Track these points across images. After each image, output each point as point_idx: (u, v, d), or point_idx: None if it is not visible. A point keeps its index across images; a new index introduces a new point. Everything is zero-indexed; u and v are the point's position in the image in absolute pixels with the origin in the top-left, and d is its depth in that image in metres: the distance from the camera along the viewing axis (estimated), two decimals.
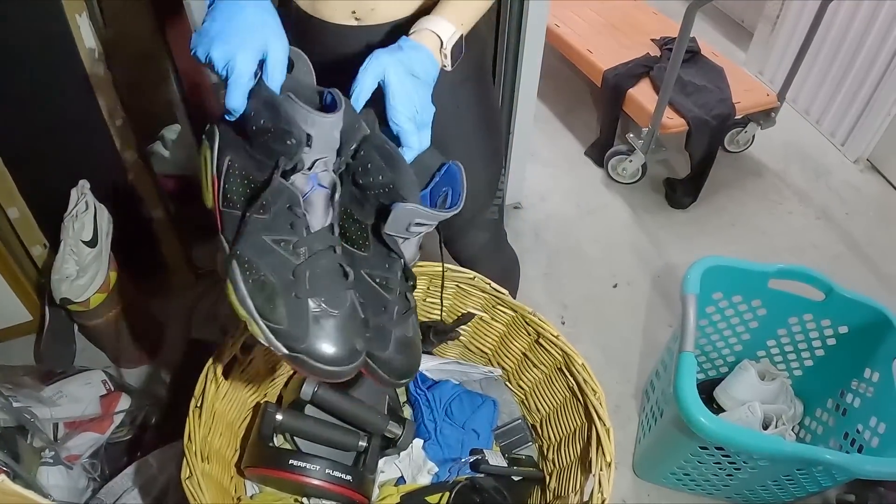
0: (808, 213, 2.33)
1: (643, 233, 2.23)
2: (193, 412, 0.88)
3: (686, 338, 1.24)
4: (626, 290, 2.04)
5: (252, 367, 1.05)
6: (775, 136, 2.55)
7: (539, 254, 2.14)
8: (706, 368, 1.70)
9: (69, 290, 1.53)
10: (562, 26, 2.66)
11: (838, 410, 1.47)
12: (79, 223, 1.58)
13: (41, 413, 1.42)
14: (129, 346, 1.77)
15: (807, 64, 2.52)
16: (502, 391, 1.20)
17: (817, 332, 1.50)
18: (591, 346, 1.86)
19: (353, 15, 0.93)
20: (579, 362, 0.99)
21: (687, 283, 1.34)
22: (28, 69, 1.53)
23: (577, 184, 2.43)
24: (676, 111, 2.18)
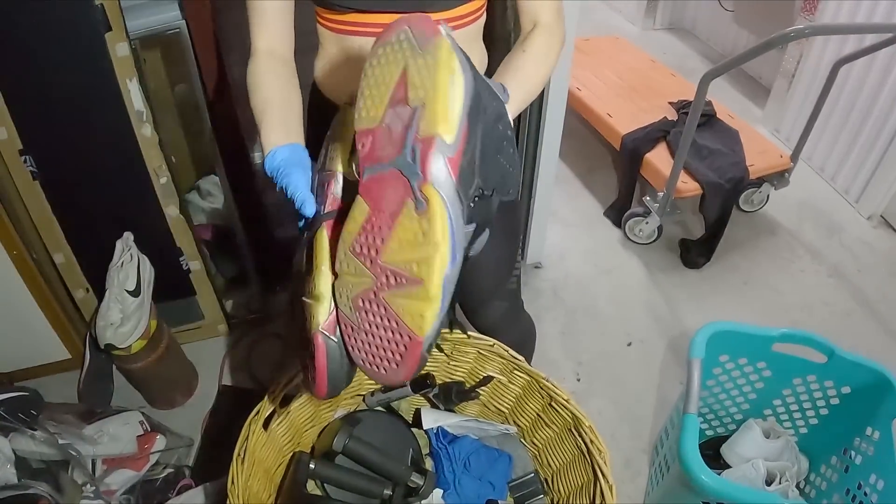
0: (821, 270, 2.38)
1: (658, 292, 2.30)
2: (237, 459, 0.97)
3: (690, 400, 1.31)
4: (640, 348, 2.10)
5: (289, 419, 1.14)
6: (790, 194, 2.62)
7: (557, 312, 2.21)
8: (715, 426, 1.76)
9: (113, 337, 1.64)
10: (583, 90, 2.78)
11: (841, 467, 1.52)
12: (123, 273, 1.69)
13: (83, 450, 1.52)
14: (164, 389, 1.87)
15: (822, 121, 2.58)
16: (517, 447, 1.28)
17: (821, 393, 1.55)
18: (604, 402, 1.92)
19: None
20: (587, 424, 1.07)
21: (693, 347, 1.41)
22: (81, 128, 1.64)
23: (595, 244, 2.51)
24: (691, 175, 2.27)
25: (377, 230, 0.71)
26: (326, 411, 1.25)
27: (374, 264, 0.72)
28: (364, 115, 0.72)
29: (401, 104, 0.69)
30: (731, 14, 3.50)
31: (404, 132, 0.68)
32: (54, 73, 1.56)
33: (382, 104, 0.70)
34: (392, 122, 0.70)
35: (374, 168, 0.71)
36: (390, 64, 0.69)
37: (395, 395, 1.27)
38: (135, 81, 1.61)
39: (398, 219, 0.69)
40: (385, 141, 0.70)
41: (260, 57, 1.01)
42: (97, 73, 1.57)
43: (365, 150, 0.72)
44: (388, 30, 0.70)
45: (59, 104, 1.60)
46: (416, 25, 0.67)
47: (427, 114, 0.66)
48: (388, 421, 1.27)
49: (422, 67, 0.66)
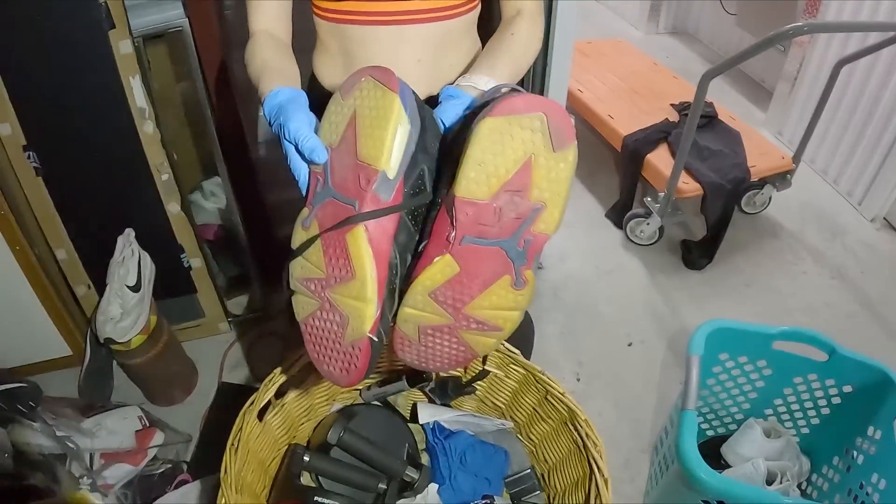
0: (824, 272, 2.37)
1: (659, 293, 2.29)
2: (230, 449, 0.98)
3: (688, 397, 1.31)
4: (641, 349, 2.09)
5: (284, 411, 1.15)
6: (793, 197, 2.61)
7: (557, 313, 2.21)
8: (715, 426, 1.75)
9: (113, 331, 1.64)
10: (584, 92, 2.78)
11: (843, 467, 1.51)
12: (124, 269, 1.69)
13: (81, 443, 1.52)
14: (164, 385, 1.88)
15: (825, 123, 2.59)
16: (513, 442, 1.27)
17: (822, 392, 1.54)
18: (604, 403, 1.92)
19: None
20: (582, 418, 1.07)
21: (692, 344, 1.41)
22: (84, 125, 1.65)
23: (596, 245, 2.51)
24: (692, 176, 2.27)
25: (466, 289, 0.76)
26: (322, 405, 1.25)
27: (458, 312, 0.78)
28: (472, 188, 0.71)
29: (519, 194, 0.71)
30: (734, 17, 3.50)
31: (517, 222, 0.72)
32: (58, 69, 1.57)
33: (497, 184, 0.71)
34: (505, 207, 0.72)
35: (475, 240, 0.74)
36: (514, 146, 0.69)
37: (392, 390, 1.27)
38: (137, 78, 1.62)
39: (491, 287, 0.76)
40: (491, 219, 0.72)
41: (258, 35, 1.03)
42: (100, 69, 1.58)
43: (466, 219, 0.73)
44: (522, 107, 0.68)
45: (62, 100, 1.62)
46: (556, 120, 0.67)
47: (548, 217, 0.71)
48: (385, 415, 1.27)
49: (552, 169, 0.69)
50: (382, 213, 0.76)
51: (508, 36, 0.99)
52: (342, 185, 0.78)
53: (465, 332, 0.79)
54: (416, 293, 0.79)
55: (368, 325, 0.76)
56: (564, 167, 0.69)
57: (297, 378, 1.15)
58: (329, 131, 0.80)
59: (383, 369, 1.29)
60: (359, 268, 0.75)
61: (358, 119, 0.76)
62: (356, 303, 0.77)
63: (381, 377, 1.30)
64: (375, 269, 0.76)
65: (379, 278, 0.76)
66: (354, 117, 0.76)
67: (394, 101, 0.72)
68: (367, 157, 0.74)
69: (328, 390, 1.24)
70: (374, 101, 0.74)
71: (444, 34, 1.04)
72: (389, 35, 1.02)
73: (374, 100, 0.74)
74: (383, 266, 0.77)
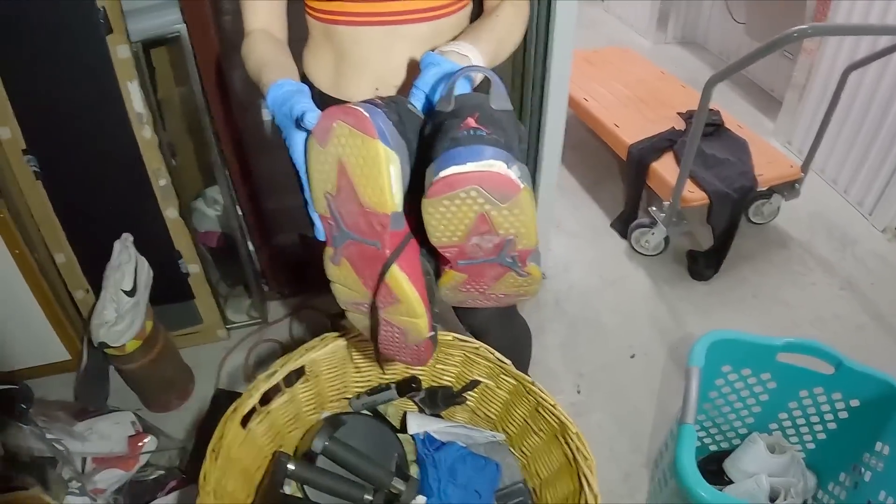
0: (833, 283, 2.33)
1: (663, 304, 2.26)
2: (210, 455, 0.96)
3: (688, 410, 1.27)
4: (643, 361, 2.06)
5: (270, 418, 1.12)
6: (802, 207, 2.58)
7: (558, 323, 2.18)
8: (718, 440, 1.71)
9: (107, 335, 1.64)
10: (590, 100, 2.76)
11: (850, 484, 1.47)
12: (120, 273, 1.69)
13: (72, 447, 1.52)
14: (160, 391, 1.87)
15: (833, 133, 2.56)
16: (505, 455, 1.24)
17: (828, 406, 1.50)
18: (604, 415, 1.88)
19: (377, 91, 1.04)
20: (573, 431, 1.04)
21: (692, 355, 1.37)
22: (83, 129, 1.66)
23: (600, 255, 2.48)
24: (698, 185, 2.24)
25: (480, 285, 0.84)
26: (310, 413, 1.23)
27: (484, 294, 0.86)
28: (444, 240, 0.77)
29: (488, 234, 0.75)
30: (743, 26, 3.48)
31: (497, 249, 0.77)
32: (57, 74, 1.58)
33: (464, 233, 0.75)
34: (481, 243, 0.76)
35: (469, 262, 0.80)
36: (463, 212, 0.72)
37: (381, 399, 1.24)
38: (135, 83, 1.62)
39: (500, 279, 0.82)
40: (474, 251, 0.78)
41: (255, 34, 1.04)
42: (98, 74, 1.59)
43: (453, 255, 0.79)
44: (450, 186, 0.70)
45: (61, 105, 1.62)
46: (491, 185, 0.69)
47: (523, 240, 0.75)
48: (373, 425, 1.24)
49: (508, 216, 0.72)
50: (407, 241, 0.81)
51: (493, 17, 0.99)
52: (357, 228, 0.81)
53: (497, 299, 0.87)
54: (444, 289, 0.87)
55: (426, 332, 0.85)
56: (520, 211, 0.71)
57: (282, 385, 1.13)
58: (321, 180, 0.80)
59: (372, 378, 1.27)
60: (402, 294, 0.81)
61: (348, 168, 0.76)
62: (409, 319, 0.84)
63: (369, 386, 1.28)
64: (416, 290, 0.82)
65: (421, 294, 0.83)
66: (343, 166, 0.76)
67: (377, 147, 0.73)
68: (374, 205, 0.76)
69: (316, 398, 1.22)
70: (358, 150, 0.74)
71: (436, 32, 1.03)
72: (381, 35, 1.02)
73: (357, 148, 0.74)
74: (420, 282, 0.83)
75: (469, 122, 0.72)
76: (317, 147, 0.77)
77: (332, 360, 1.19)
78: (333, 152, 0.76)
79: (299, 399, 1.19)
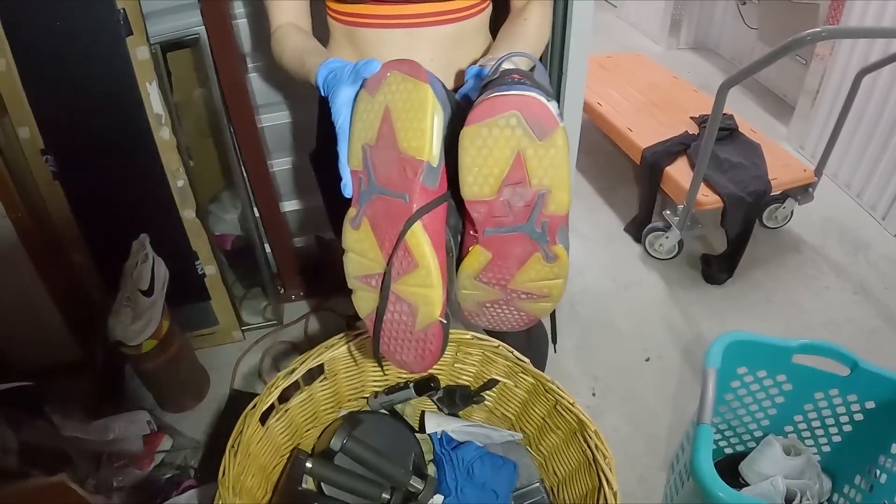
0: (846, 287, 2.32)
1: (677, 308, 2.25)
2: (229, 451, 0.96)
3: (704, 410, 1.27)
4: (658, 364, 2.05)
5: (288, 416, 1.13)
6: (815, 211, 2.57)
7: (573, 326, 2.18)
8: (734, 443, 1.70)
9: (124, 334, 1.64)
10: (604, 105, 2.77)
11: (866, 487, 1.46)
12: (137, 273, 1.70)
13: (88, 445, 1.53)
14: (175, 391, 1.87)
15: (846, 137, 2.55)
16: (522, 455, 1.24)
17: (844, 408, 1.49)
18: (619, 418, 1.88)
19: None
20: (592, 429, 1.03)
21: (708, 356, 1.37)
22: (101, 129, 1.67)
23: (614, 259, 2.48)
24: (711, 188, 2.24)
25: (504, 270, 0.81)
26: (328, 412, 1.23)
27: (505, 288, 0.83)
28: (475, 190, 0.75)
29: (521, 185, 0.74)
30: (756, 32, 3.47)
31: (528, 210, 0.75)
32: (76, 74, 1.59)
33: (497, 181, 0.74)
34: (511, 199, 0.75)
35: (496, 230, 0.78)
36: (500, 146, 0.71)
37: (399, 398, 1.24)
38: (154, 85, 1.63)
39: (526, 263, 0.80)
40: (503, 211, 0.76)
41: (283, 27, 1.05)
42: (118, 75, 1.61)
43: (481, 216, 0.78)
44: (491, 110, 0.70)
45: (80, 105, 1.64)
46: (530, 113, 0.69)
47: (555, 199, 0.74)
48: (391, 424, 1.24)
49: (543, 157, 0.71)
50: (436, 203, 0.79)
51: (521, 21, 1.00)
52: (388, 181, 0.79)
53: (519, 302, 0.85)
54: (463, 278, 0.85)
55: (438, 310, 0.80)
56: (556, 153, 0.70)
57: (301, 383, 1.13)
58: (363, 130, 0.80)
59: (390, 378, 1.27)
60: (421, 257, 0.78)
61: (392, 113, 0.76)
62: (423, 290, 0.80)
63: (388, 385, 1.28)
64: (436, 255, 0.79)
65: (440, 263, 0.80)
66: (388, 112, 0.77)
67: (427, 92, 0.74)
68: (410, 150, 0.75)
69: (334, 396, 1.23)
70: (407, 94, 0.75)
71: (458, 34, 1.04)
72: (403, 37, 1.02)
73: (406, 92, 0.75)
74: (441, 252, 0.80)
75: (514, 76, 0.74)
76: (366, 97, 0.79)
77: (350, 358, 1.19)
78: (381, 100, 0.77)
79: (318, 397, 1.19)
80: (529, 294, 0.83)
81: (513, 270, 0.81)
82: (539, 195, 0.73)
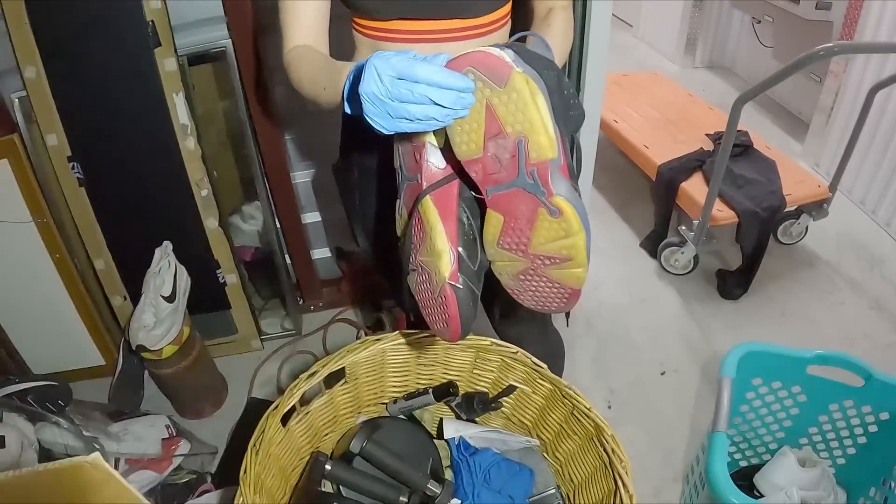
0: (861, 302, 2.32)
1: (693, 322, 2.26)
2: (251, 449, 0.98)
3: (719, 419, 1.28)
4: (674, 378, 2.06)
5: (309, 418, 1.15)
6: (830, 227, 2.57)
7: (589, 339, 2.19)
8: (748, 455, 1.70)
9: (145, 339, 1.67)
10: (620, 122, 2.79)
11: (880, 499, 1.45)
12: (160, 279, 1.73)
13: (107, 446, 1.54)
14: (194, 397, 1.90)
15: (861, 153, 2.56)
16: (539, 461, 1.25)
17: (858, 419, 1.49)
18: (635, 430, 1.88)
19: None
20: (609, 433, 1.04)
21: (724, 366, 1.38)
22: (127, 138, 1.71)
23: (630, 274, 2.49)
24: (727, 203, 2.25)
25: (518, 231, 0.83)
26: (348, 416, 1.25)
27: (526, 254, 0.85)
28: (465, 149, 0.79)
29: (500, 137, 0.76)
30: (770, 50, 3.49)
31: (514, 161, 0.77)
32: (104, 84, 1.63)
33: (479, 137, 0.77)
34: (497, 152, 0.78)
35: (496, 188, 0.81)
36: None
37: (418, 404, 1.26)
38: (181, 95, 1.67)
39: (536, 223, 0.81)
40: (496, 167, 0.79)
41: (298, 48, 1.03)
42: (145, 86, 1.65)
43: (479, 176, 0.80)
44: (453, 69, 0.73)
45: (107, 114, 1.68)
46: (482, 65, 0.72)
47: (533, 145, 0.75)
48: (409, 429, 1.26)
49: (508, 104, 0.73)
50: (444, 181, 0.85)
51: (546, 27, 1.03)
52: (408, 167, 0.88)
53: (547, 269, 0.85)
54: (489, 248, 0.88)
55: (446, 273, 0.84)
56: (517, 96, 0.72)
57: (322, 386, 1.15)
58: None
59: (409, 383, 1.28)
60: (428, 224, 0.84)
61: None
62: (432, 258, 0.85)
63: (407, 391, 1.29)
64: (443, 224, 0.84)
65: (449, 231, 0.84)
66: None
67: None
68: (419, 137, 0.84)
69: (354, 401, 1.24)
70: None
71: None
72: (430, 51, 1.03)
73: None
74: (452, 220, 0.85)
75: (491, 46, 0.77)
76: None
77: (371, 363, 1.21)
78: None
79: (338, 401, 1.21)
80: (552, 258, 0.84)
81: (527, 232, 0.82)
82: (518, 142, 0.75)
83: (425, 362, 1.25)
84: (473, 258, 0.89)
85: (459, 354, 1.23)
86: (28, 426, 1.40)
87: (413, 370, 1.26)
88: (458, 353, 1.23)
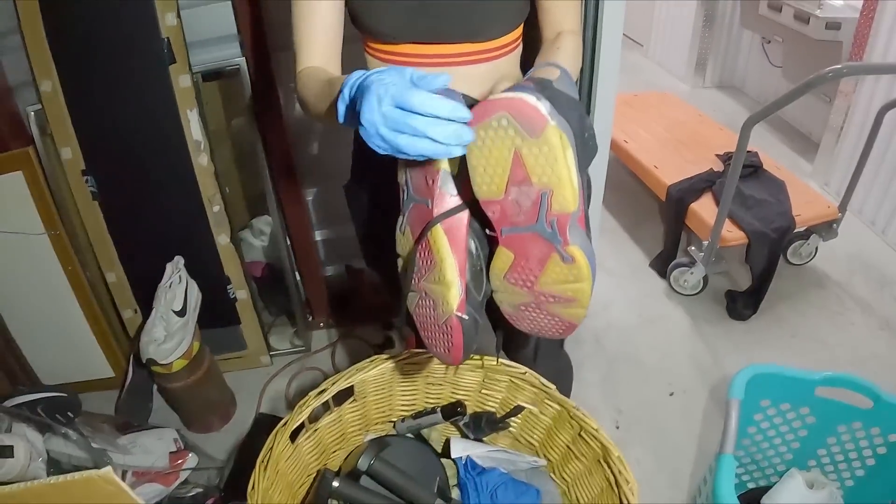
0: (871, 323, 2.30)
1: (702, 343, 2.25)
2: (259, 466, 0.98)
3: (727, 441, 1.27)
4: (682, 399, 2.05)
5: (317, 436, 1.15)
6: (839, 248, 2.57)
7: (598, 359, 2.18)
8: (756, 477, 1.69)
9: (155, 352, 1.68)
10: (630, 142, 2.80)
11: None
12: (171, 294, 1.74)
13: (115, 458, 1.55)
14: (202, 411, 1.90)
15: (871, 173, 2.56)
16: (546, 481, 1.25)
17: (867, 441, 1.48)
18: (643, 451, 1.87)
19: None
20: (616, 454, 1.04)
21: (732, 388, 1.38)
22: (141, 153, 1.73)
23: (639, 294, 2.49)
24: (736, 224, 2.25)
25: (528, 270, 0.85)
26: (356, 434, 1.25)
27: (532, 290, 0.86)
28: (485, 189, 0.80)
29: (525, 184, 0.77)
30: (780, 70, 3.50)
31: (535, 209, 0.78)
32: (119, 99, 1.66)
33: (503, 181, 0.78)
34: (519, 198, 0.79)
35: (512, 230, 0.82)
36: (497, 146, 0.75)
37: (426, 423, 1.26)
38: (195, 112, 1.69)
39: (546, 264, 0.82)
40: (515, 210, 0.80)
41: (309, 69, 1.03)
42: (160, 102, 1.67)
43: (496, 216, 0.81)
44: (483, 113, 0.73)
45: (122, 129, 1.70)
46: (518, 112, 0.72)
47: (557, 197, 0.76)
48: (417, 448, 1.26)
49: (538, 156, 0.74)
50: (456, 210, 0.85)
51: (555, 50, 1.03)
52: (418, 189, 0.87)
53: (549, 306, 0.87)
54: (494, 279, 0.89)
55: (454, 305, 0.84)
56: (549, 150, 0.73)
57: (332, 404, 1.15)
58: None
59: (418, 402, 1.29)
60: (437, 253, 0.84)
61: None
62: (440, 287, 0.85)
63: (415, 410, 1.30)
64: (454, 255, 0.84)
65: (459, 263, 0.84)
66: None
67: None
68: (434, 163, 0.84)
69: (362, 419, 1.25)
70: None
71: (494, 71, 1.07)
72: None
73: None
74: (461, 252, 0.85)
75: (525, 83, 0.77)
76: None
77: (380, 381, 1.22)
78: None
79: (346, 419, 1.21)
80: (556, 297, 0.85)
81: (536, 272, 0.84)
82: (542, 193, 0.76)
83: (434, 381, 1.25)
84: (479, 289, 0.90)
85: (468, 374, 1.23)
86: (37, 436, 1.41)
87: (421, 389, 1.26)
88: (467, 373, 1.23)
